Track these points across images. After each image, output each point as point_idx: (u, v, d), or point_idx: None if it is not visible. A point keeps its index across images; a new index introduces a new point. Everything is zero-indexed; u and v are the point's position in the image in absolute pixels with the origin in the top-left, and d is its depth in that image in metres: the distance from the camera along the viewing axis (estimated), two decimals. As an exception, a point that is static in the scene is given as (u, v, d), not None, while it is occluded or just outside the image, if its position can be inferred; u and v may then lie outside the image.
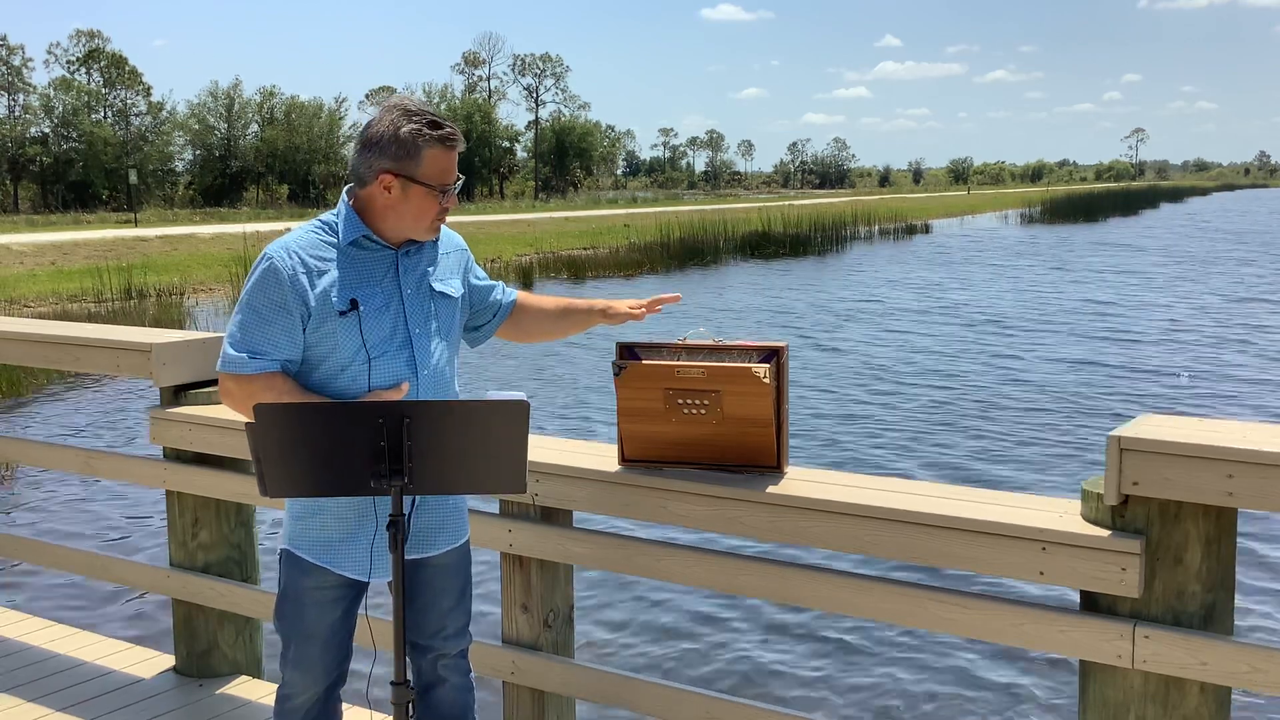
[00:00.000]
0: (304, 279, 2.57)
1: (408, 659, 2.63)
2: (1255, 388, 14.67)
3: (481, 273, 2.97)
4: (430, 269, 2.74)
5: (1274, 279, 30.26)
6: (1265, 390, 14.50)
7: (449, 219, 2.75)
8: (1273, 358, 17.02)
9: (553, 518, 3.26)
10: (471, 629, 2.94)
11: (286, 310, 2.57)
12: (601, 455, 3.19)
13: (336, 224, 2.65)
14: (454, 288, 2.79)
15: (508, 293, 3.01)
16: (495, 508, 3.33)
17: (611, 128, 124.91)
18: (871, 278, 32.33)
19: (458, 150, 2.63)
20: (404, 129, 2.55)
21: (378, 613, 3.10)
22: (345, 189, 2.70)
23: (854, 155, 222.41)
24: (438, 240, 2.78)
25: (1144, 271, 33.14)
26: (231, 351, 2.60)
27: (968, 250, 44.45)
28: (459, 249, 2.88)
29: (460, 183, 2.68)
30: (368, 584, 2.76)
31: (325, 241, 2.63)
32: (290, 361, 2.62)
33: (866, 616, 2.90)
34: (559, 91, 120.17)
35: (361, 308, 2.60)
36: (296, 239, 2.63)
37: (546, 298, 3.05)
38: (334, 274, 2.60)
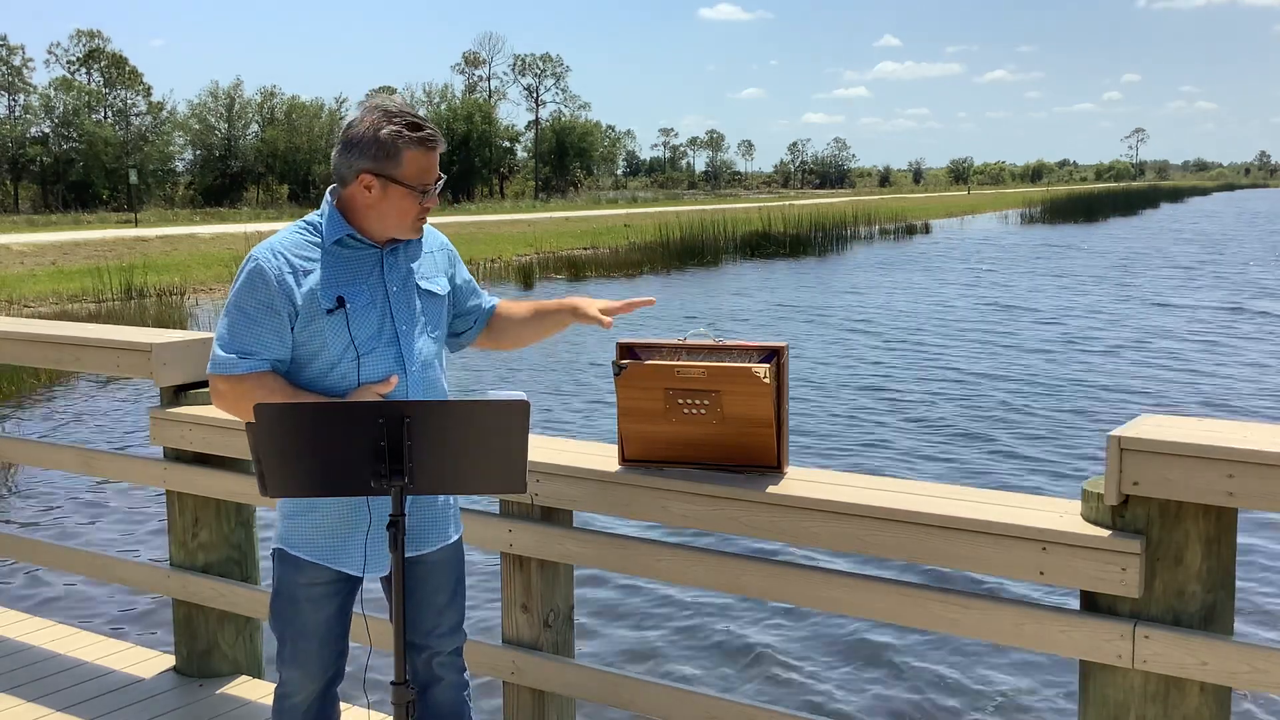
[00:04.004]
0: (290, 279, 2.59)
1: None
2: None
3: (467, 274, 2.97)
4: (415, 266, 2.75)
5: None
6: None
7: (432, 218, 2.75)
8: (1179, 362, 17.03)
9: (553, 518, 3.26)
10: (472, 629, 2.94)
11: (274, 311, 2.59)
12: (601, 455, 3.19)
13: (320, 224, 2.67)
14: (440, 285, 2.81)
15: (488, 299, 3.01)
16: (495, 508, 3.33)
17: (611, 128, 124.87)
18: (871, 279, 32.33)
19: (438, 150, 2.63)
20: (384, 130, 2.56)
21: (371, 612, 3.10)
22: (329, 189, 2.72)
23: (854, 155, 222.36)
24: (422, 237, 2.78)
25: (1134, 277, 33.14)
26: (221, 353, 2.61)
27: (970, 252, 44.47)
28: (444, 248, 2.89)
29: (441, 182, 2.68)
30: (362, 580, 2.76)
31: (310, 241, 2.65)
32: (280, 361, 2.64)
33: (866, 616, 2.90)
34: (559, 91, 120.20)
35: (348, 305, 2.61)
36: (281, 240, 2.65)
37: (519, 303, 3.03)
38: (319, 273, 2.61)
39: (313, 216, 2.70)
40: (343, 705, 2.89)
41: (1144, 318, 22.26)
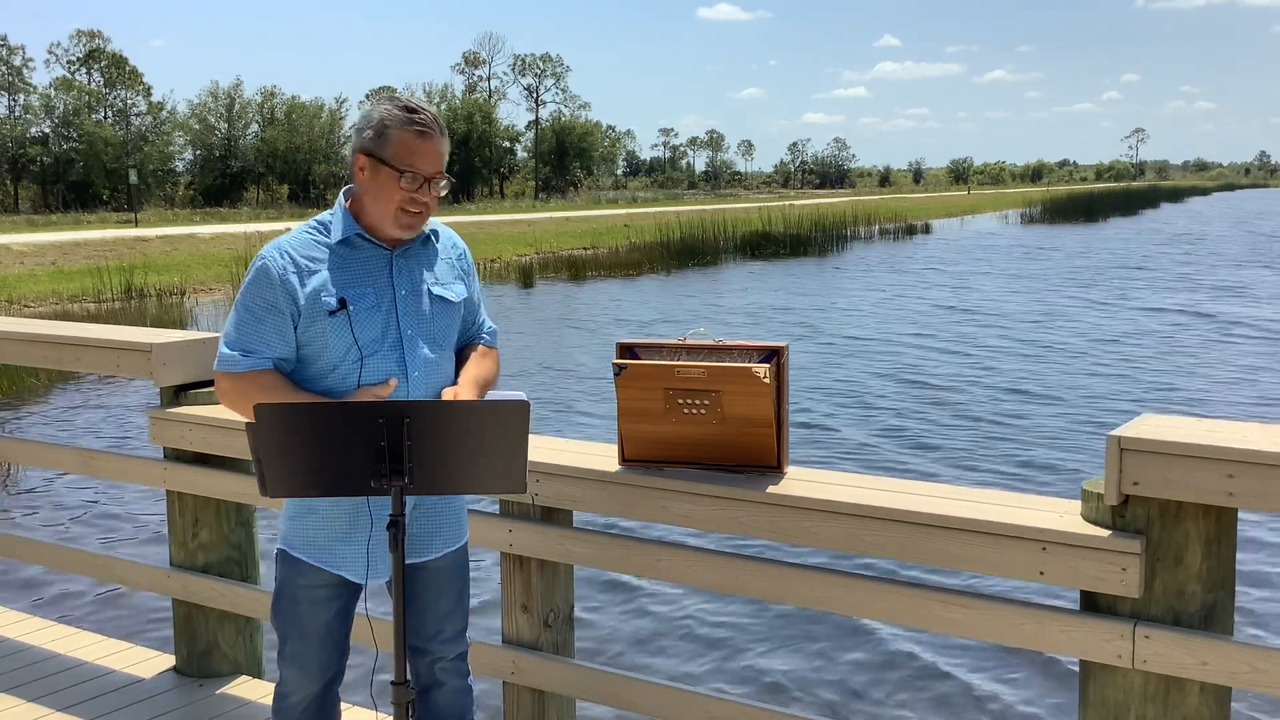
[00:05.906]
0: (294, 278, 2.59)
1: (406, 661, 2.63)
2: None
3: (478, 290, 2.94)
4: (429, 272, 2.73)
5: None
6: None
7: (447, 220, 2.73)
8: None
9: (553, 518, 3.26)
10: (471, 629, 2.93)
11: (278, 310, 2.60)
12: (601, 455, 3.19)
13: (331, 224, 2.67)
14: (455, 293, 2.77)
15: (486, 325, 2.92)
16: (495, 508, 3.33)
17: (612, 128, 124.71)
18: (873, 280, 32.32)
19: (432, 139, 2.59)
20: (379, 111, 2.59)
21: (377, 612, 3.10)
22: (344, 190, 2.72)
23: (854, 155, 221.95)
24: (438, 241, 2.77)
25: (1136, 278, 33.16)
26: (225, 350, 2.63)
27: (972, 252, 44.46)
28: (463, 256, 2.85)
29: (444, 181, 2.65)
30: (364, 584, 2.76)
31: (318, 241, 2.65)
32: (283, 360, 2.64)
33: (866, 616, 2.91)
34: (559, 91, 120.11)
35: (351, 307, 2.61)
36: (290, 239, 2.66)
37: (469, 359, 2.84)
38: (324, 274, 2.61)
39: (324, 216, 2.70)
40: (344, 705, 2.89)
41: (1139, 319, 22.27)
